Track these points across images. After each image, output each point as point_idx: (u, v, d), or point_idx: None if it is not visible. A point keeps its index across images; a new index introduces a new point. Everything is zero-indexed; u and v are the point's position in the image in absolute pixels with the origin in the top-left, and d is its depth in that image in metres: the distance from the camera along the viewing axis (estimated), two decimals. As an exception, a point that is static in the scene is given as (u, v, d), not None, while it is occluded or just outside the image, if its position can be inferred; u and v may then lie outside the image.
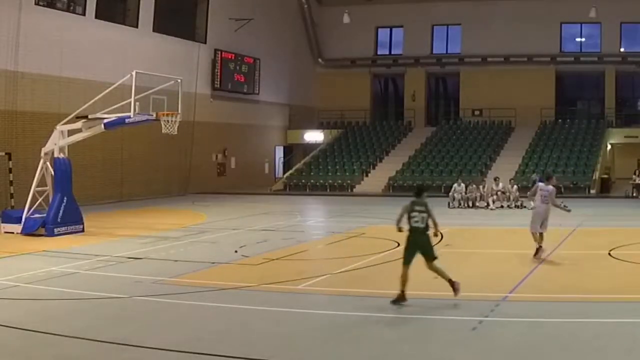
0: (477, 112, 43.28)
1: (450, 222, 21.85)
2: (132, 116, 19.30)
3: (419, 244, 10.81)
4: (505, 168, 34.24)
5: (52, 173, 20.00)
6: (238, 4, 38.01)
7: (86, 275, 13.52)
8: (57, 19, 27.68)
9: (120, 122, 19.81)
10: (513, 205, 27.40)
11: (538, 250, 14.66)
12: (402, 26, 45.29)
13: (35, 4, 26.75)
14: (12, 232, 19.49)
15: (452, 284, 10.78)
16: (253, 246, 16.94)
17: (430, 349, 8.62)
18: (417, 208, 10.90)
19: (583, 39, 42.69)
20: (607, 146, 38.77)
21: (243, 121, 39.60)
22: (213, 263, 14.73)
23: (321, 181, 37.62)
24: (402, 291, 10.60)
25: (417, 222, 10.78)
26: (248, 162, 39.93)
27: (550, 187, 14.91)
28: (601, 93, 42.41)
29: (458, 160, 37.89)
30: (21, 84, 26.23)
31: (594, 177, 34.03)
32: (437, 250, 16.38)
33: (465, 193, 28.21)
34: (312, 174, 38.58)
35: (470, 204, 27.92)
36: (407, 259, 10.75)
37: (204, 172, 36.32)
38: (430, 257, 10.85)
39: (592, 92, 43.87)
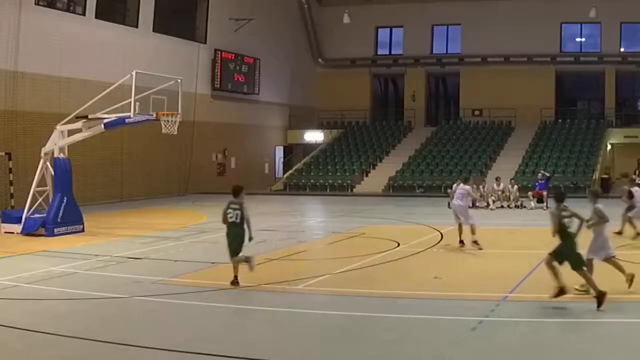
0: (477, 112, 43.27)
1: (450, 222, 21.88)
2: (132, 116, 19.29)
3: (231, 236, 12.24)
4: (505, 168, 34.25)
5: (52, 173, 20.00)
6: (238, 4, 38.00)
7: (86, 275, 13.52)
8: (57, 19, 27.67)
9: (120, 122, 19.81)
10: (513, 205, 27.41)
11: (461, 241, 16.50)
12: (402, 26, 45.28)
13: (35, 4, 26.75)
14: (12, 232, 19.49)
15: (249, 261, 12.25)
16: (253, 246, 16.90)
17: (430, 349, 8.62)
18: (232, 206, 12.26)
19: (583, 39, 42.70)
20: (607, 146, 38.77)
21: (243, 121, 39.59)
22: (213, 263, 14.72)
23: (321, 181, 37.62)
24: (235, 276, 12.19)
25: (232, 217, 12.19)
26: (248, 162, 39.91)
27: (467, 187, 17.22)
28: (601, 93, 42.40)
29: (458, 160, 37.89)
30: (21, 84, 26.22)
31: (594, 177, 34.03)
32: (437, 250, 16.50)
33: (465, 193, 28.13)
34: (312, 174, 38.58)
35: (470, 204, 27.85)
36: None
37: (204, 172, 36.31)
38: (233, 251, 12.24)
39: (592, 92, 43.86)
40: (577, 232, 10.67)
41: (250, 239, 12.24)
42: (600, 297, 10.07)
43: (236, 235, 12.18)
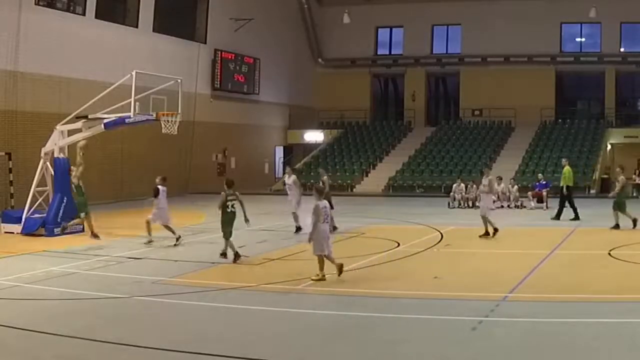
0: (477, 112, 43.28)
1: (450, 222, 21.90)
2: (132, 116, 19.30)
3: (80, 202, 17.47)
4: (505, 168, 34.23)
5: (52, 173, 20.00)
6: (238, 4, 38.00)
7: (86, 275, 13.52)
8: (57, 19, 27.67)
9: (120, 122, 19.81)
10: (513, 205, 27.40)
11: None
12: (402, 26, 45.28)
13: (35, 4, 26.74)
14: (12, 232, 19.49)
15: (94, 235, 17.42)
16: (253, 246, 16.93)
17: (430, 349, 8.62)
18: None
19: (583, 39, 42.71)
20: (607, 146, 38.77)
21: (243, 121, 39.59)
22: (213, 263, 14.74)
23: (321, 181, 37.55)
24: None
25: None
26: (248, 162, 39.90)
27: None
28: (601, 93, 42.40)
29: (458, 160, 37.89)
30: (21, 84, 26.21)
31: (594, 177, 34.03)
32: (437, 250, 16.51)
33: (465, 193, 28.21)
34: (312, 174, 38.55)
35: (470, 204, 27.91)
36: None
37: (204, 172, 36.29)
38: (85, 213, 17.54)
39: (592, 92, 43.85)
40: (244, 213, 14.84)
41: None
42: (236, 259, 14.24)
43: (79, 202, 17.49)
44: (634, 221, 19.09)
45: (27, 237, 18.82)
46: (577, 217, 22.13)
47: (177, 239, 17.17)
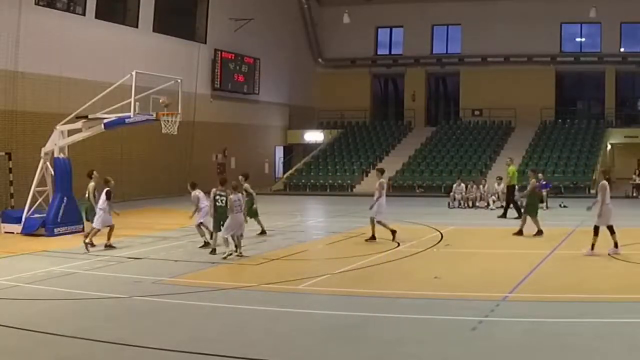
0: (477, 112, 43.28)
1: (450, 222, 21.90)
2: (132, 116, 19.30)
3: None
4: (505, 168, 34.15)
5: (52, 173, 20.01)
6: (238, 4, 38.00)
7: (86, 275, 13.52)
8: (57, 19, 27.66)
9: (120, 122, 19.81)
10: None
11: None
12: (402, 26, 45.29)
13: (35, 4, 26.73)
14: (12, 232, 19.50)
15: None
16: (253, 246, 16.93)
17: (430, 349, 8.62)
18: None
19: (583, 39, 42.70)
20: (607, 146, 38.78)
21: (243, 121, 39.59)
22: (213, 263, 14.74)
23: (321, 181, 37.62)
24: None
25: None
26: (248, 162, 39.76)
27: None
28: (601, 93, 42.41)
29: (458, 160, 37.89)
30: (21, 84, 26.20)
31: (594, 177, 34.00)
32: (437, 250, 16.51)
33: (465, 193, 28.21)
34: (312, 174, 38.58)
35: (470, 204, 27.92)
36: None
37: (204, 172, 36.23)
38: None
39: (592, 92, 43.87)
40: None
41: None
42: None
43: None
44: (538, 232, 18.29)
45: (27, 237, 18.82)
46: (520, 216, 22.51)
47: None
